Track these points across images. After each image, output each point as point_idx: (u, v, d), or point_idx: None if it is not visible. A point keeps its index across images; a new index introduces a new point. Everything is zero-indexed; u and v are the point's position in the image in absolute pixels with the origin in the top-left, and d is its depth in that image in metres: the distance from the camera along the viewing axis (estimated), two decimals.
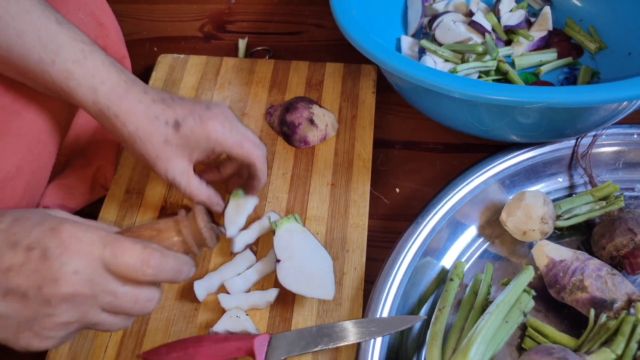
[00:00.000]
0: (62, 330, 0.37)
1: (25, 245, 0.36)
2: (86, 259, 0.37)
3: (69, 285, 0.36)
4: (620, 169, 0.62)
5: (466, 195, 0.58)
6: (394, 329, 0.49)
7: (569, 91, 0.49)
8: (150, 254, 0.39)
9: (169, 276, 0.41)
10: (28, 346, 0.37)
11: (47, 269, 0.36)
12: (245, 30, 0.83)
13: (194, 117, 0.50)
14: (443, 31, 0.71)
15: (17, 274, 0.36)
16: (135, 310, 0.40)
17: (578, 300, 0.51)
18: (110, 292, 0.38)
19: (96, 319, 0.39)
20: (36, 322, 0.36)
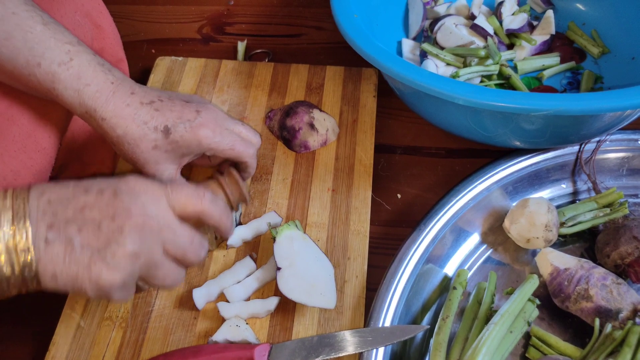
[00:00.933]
0: (130, 262, 0.39)
1: (97, 189, 0.40)
2: (153, 196, 0.41)
3: (140, 216, 0.40)
4: (624, 176, 0.61)
5: (469, 201, 0.57)
6: (397, 338, 0.49)
7: (576, 99, 0.48)
8: (204, 191, 0.45)
9: (219, 213, 0.46)
10: (99, 277, 0.38)
11: (119, 202, 0.40)
12: (244, 32, 0.82)
13: (184, 123, 0.50)
14: (445, 34, 0.70)
15: (91, 209, 0.39)
16: (191, 251, 0.43)
17: (583, 310, 0.50)
18: (172, 229, 0.42)
19: (157, 259, 0.41)
20: (108, 250, 0.38)
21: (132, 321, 0.53)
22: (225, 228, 0.48)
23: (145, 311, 0.54)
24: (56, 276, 0.38)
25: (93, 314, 0.54)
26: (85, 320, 0.53)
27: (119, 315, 0.54)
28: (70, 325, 0.53)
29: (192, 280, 0.56)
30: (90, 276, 0.38)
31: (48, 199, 0.39)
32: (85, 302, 0.54)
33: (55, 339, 0.52)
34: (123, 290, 0.40)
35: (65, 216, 0.38)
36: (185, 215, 0.44)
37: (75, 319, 0.53)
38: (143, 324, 0.53)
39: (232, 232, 0.50)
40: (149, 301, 0.54)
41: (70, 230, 0.38)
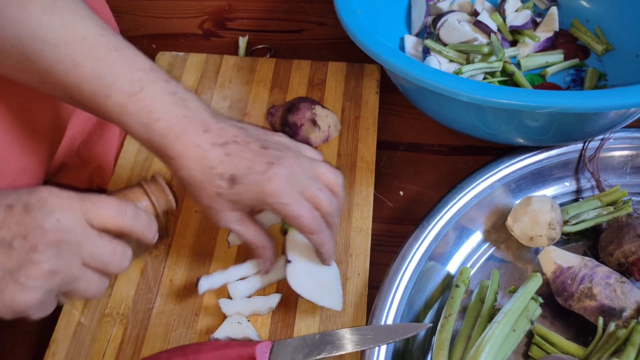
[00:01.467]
0: (47, 280, 0.37)
1: (5, 205, 0.37)
2: (67, 210, 0.38)
3: (54, 232, 0.37)
4: (628, 174, 0.61)
5: (472, 199, 0.57)
6: (399, 336, 0.48)
7: (581, 96, 0.48)
8: (125, 204, 0.41)
9: (142, 227, 0.42)
10: (12, 300, 0.36)
11: (31, 219, 0.36)
12: (245, 27, 0.81)
13: (253, 176, 0.44)
14: (448, 31, 0.70)
15: (0, 228, 0.36)
16: (114, 263, 0.41)
17: (586, 308, 0.50)
18: (90, 242, 0.39)
19: (77, 273, 0.39)
20: (22, 271, 0.36)
21: (133, 318, 0.53)
22: (147, 239, 0.43)
23: (146, 308, 0.54)
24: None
25: (93, 311, 0.53)
26: (86, 316, 0.53)
27: (120, 312, 0.53)
28: (70, 321, 0.53)
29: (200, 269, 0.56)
30: (4, 300, 0.36)
31: None
32: None
33: (55, 336, 0.52)
34: (41, 308, 0.38)
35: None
36: (105, 229, 0.40)
37: (75, 316, 0.53)
38: (144, 320, 0.53)
39: (154, 240, 0.45)
40: (150, 298, 0.54)
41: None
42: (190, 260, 0.57)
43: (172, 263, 0.56)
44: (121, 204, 0.41)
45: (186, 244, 0.58)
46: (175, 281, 0.55)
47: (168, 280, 0.55)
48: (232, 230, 0.49)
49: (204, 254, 0.57)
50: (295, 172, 0.46)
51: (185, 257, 0.57)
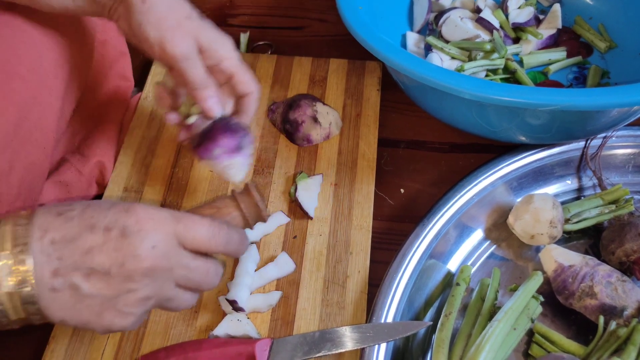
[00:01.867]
0: (142, 306, 0.38)
1: (104, 227, 0.37)
2: (162, 234, 0.38)
3: (149, 260, 0.37)
4: (630, 172, 0.60)
5: (473, 197, 0.57)
6: (399, 334, 0.48)
7: (584, 94, 0.48)
8: (218, 227, 0.41)
9: (233, 248, 0.42)
10: (110, 325, 0.38)
11: (128, 245, 0.37)
12: (246, 24, 0.81)
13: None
14: (450, 28, 0.69)
15: (99, 253, 0.36)
16: (206, 282, 0.41)
17: (587, 307, 0.50)
18: (184, 266, 0.39)
19: (170, 294, 0.40)
20: (119, 299, 0.37)
21: None
22: (238, 255, 0.45)
23: None
24: (65, 321, 0.37)
25: None
26: None
27: None
28: None
29: None
30: (102, 324, 0.37)
31: (51, 239, 0.36)
32: None
33: (54, 332, 0.52)
34: (135, 326, 0.40)
35: (72, 260, 0.36)
36: (198, 251, 0.41)
37: None
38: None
39: (244, 254, 0.48)
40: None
41: (77, 277, 0.36)
42: None
43: None
44: (214, 227, 0.41)
45: None
46: None
47: None
48: (183, 67, 0.49)
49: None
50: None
51: None
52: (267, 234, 0.57)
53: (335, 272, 0.55)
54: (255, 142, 0.65)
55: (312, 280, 0.54)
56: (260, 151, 0.64)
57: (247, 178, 0.59)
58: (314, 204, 0.59)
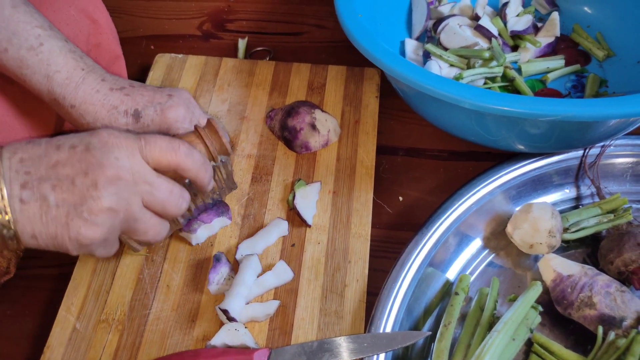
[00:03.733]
0: (108, 216, 0.39)
1: (69, 145, 0.39)
2: (125, 149, 0.40)
3: (113, 169, 0.39)
4: (628, 181, 0.60)
5: (472, 205, 0.57)
6: (398, 344, 0.48)
7: (584, 104, 0.47)
8: (179, 142, 0.43)
9: (197, 165, 0.43)
10: (77, 234, 0.38)
11: (91, 157, 0.39)
12: (245, 29, 0.81)
13: (155, 106, 0.49)
14: (448, 35, 0.69)
15: (64, 166, 0.38)
16: (170, 203, 0.42)
17: (586, 317, 0.50)
18: (148, 182, 0.41)
19: (137, 212, 0.40)
20: (84, 206, 0.38)
21: (129, 324, 0.52)
22: (202, 181, 0.46)
23: (142, 314, 0.53)
24: (35, 236, 0.38)
25: (89, 316, 0.53)
26: (81, 322, 0.52)
27: (116, 318, 0.53)
28: (65, 327, 0.52)
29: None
30: (70, 234, 0.38)
31: (20, 158, 0.38)
32: (81, 305, 0.54)
33: (50, 342, 0.51)
34: (105, 245, 0.40)
35: (39, 174, 0.38)
36: (160, 167, 0.42)
37: (70, 321, 0.52)
38: (140, 326, 0.52)
39: (210, 185, 0.48)
40: (146, 304, 0.54)
41: (44, 188, 0.37)
42: (187, 265, 0.56)
43: (169, 268, 0.56)
44: (174, 140, 0.43)
45: (183, 249, 0.57)
46: (172, 287, 0.55)
47: (165, 286, 0.55)
48: None
49: (201, 258, 0.56)
50: (191, 101, 0.51)
51: (183, 262, 0.56)
52: (269, 245, 0.57)
53: (334, 280, 0.55)
54: (254, 149, 0.65)
55: (311, 289, 0.54)
56: (258, 158, 0.64)
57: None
58: (312, 212, 0.59)
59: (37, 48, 0.46)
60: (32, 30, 0.46)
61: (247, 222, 0.59)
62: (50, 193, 0.37)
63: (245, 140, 0.65)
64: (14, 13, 0.45)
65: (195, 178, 0.45)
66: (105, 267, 0.56)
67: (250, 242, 0.56)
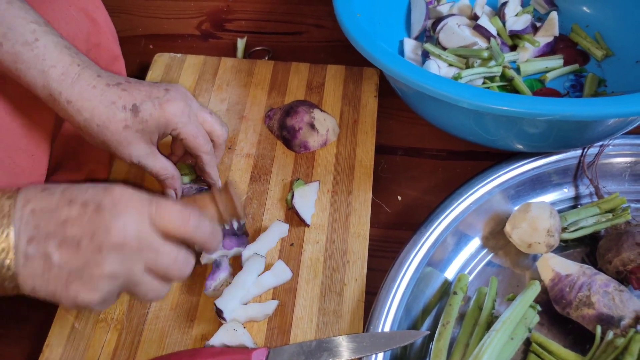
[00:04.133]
0: (108, 282, 0.38)
1: (81, 202, 0.39)
2: (135, 214, 0.39)
3: (120, 236, 0.38)
4: (627, 181, 0.61)
5: (470, 205, 0.57)
6: (397, 344, 0.48)
7: (582, 104, 0.48)
8: (190, 211, 0.42)
9: (205, 236, 0.43)
10: (76, 297, 0.38)
11: (101, 220, 0.38)
12: (243, 29, 0.81)
13: (152, 101, 0.49)
14: (447, 35, 0.69)
15: (73, 225, 0.38)
16: (174, 269, 0.42)
17: (584, 317, 0.50)
18: (153, 249, 0.40)
19: (138, 278, 0.40)
20: (86, 270, 0.38)
21: (128, 323, 0.52)
22: (208, 249, 0.45)
23: (141, 313, 0.53)
24: (35, 290, 0.38)
25: (88, 316, 0.53)
26: (80, 322, 0.52)
27: (114, 317, 0.53)
28: (64, 326, 0.52)
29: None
30: (68, 295, 0.38)
31: (32, 209, 0.38)
32: None
33: (49, 341, 0.51)
34: (102, 305, 0.40)
35: (47, 229, 0.37)
36: (168, 235, 0.42)
37: (69, 321, 0.52)
38: (139, 326, 0.52)
39: (217, 251, 0.48)
40: (145, 303, 0.54)
41: (49, 245, 0.37)
42: None
43: None
44: (185, 210, 0.42)
45: None
46: (171, 286, 0.55)
47: None
48: (143, 166, 0.52)
49: None
50: (188, 95, 0.52)
51: None
52: (271, 247, 0.57)
53: (333, 280, 0.55)
54: (252, 148, 0.65)
55: (309, 289, 0.54)
56: (257, 158, 0.64)
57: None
58: (311, 211, 0.59)
59: (33, 43, 0.46)
60: (27, 25, 0.46)
61: (246, 222, 0.59)
62: (55, 251, 0.37)
63: (244, 140, 0.65)
64: (9, 8, 0.46)
65: (202, 247, 0.45)
66: None
67: (253, 246, 0.56)
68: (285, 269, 0.54)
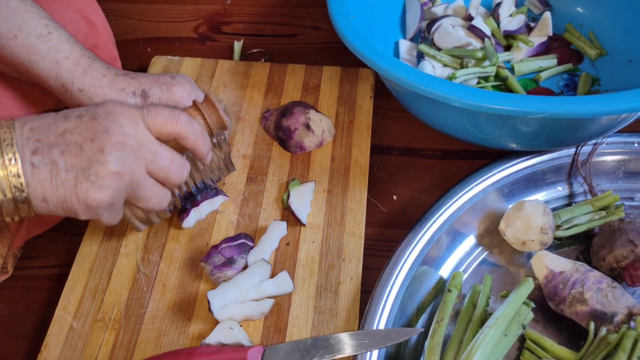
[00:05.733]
0: (115, 180, 0.41)
1: (76, 115, 0.41)
2: (129, 117, 0.42)
3: (118, 135, 0.41)
4: (620, 178, 0.61)
5: (465, 203, 0.57)
6: (391, 341, 0.49)
7: (573, 102, 0.48)
8: (180, 111, 0.45)
9: (195, 133, 0.46)
10: (86, 197, 0.40)
11: (98, 125, 0.41)
12: (240, 31, 0.82)
13: (160, 86, 0.52)
14: (442, 35, 0.70)
15: (72, 133, 0.40)
16: (172, 170, 0.44)
17: (578, 313, 0.50)
18: (151, 149, 0.43)
19: (141, 178, 0.43)
20: (92, 170, 0.40)
21: (125, 323, 0.53)
22: (201, 150, 0.48)
23: (138, 313, 0.54)
24: (46, 199, 0.40)
25: (86, 316, 0.53)
26: (78, 321, 0.53)
27: (112, 317, 0.53)
28: (62, 326, 0.53)
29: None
30: (78, 196, 0.40)
31: (31, 127, 0.40)
32: (78, 304, 0.54)
33: (47, 341, 0.52)
34: (111, 210, 0.42)
35: (48, 141, 0.40)
36: (161, 136, 0.44)
37: (67, 320, 0.53)
38: (136, 325, 0.53)
39: (208, 157, 0.50)
40: (142, 303, 0.54)
41: (53, 153, 0.39)
42: (183, 264, 0.57)
43: (165, 267, 0.56)
44: (175, 110, 0.45)
45: (179, 249, 0.58)
46: (168, 286, 0.55)
47: (161, 285, 0.55)
48: None
49: (197, 258, 0.57)
50: (192, 82, 0.54)
51: (178, 261, 0.57)
52: (273, 248, 0.57)
53: (328, 278, 0.55)
54: (249, 149, 0.65)
55: (305, 287, 0.55)
56: (253, 159, 0.64)
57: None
58: (307, 211, 0.59)
59: (46, 36, 0.48)
60: (40, 20, 0.48)
61: (243, 222, 0.59)
62: (60, 158, 0.39)
63: (241, 141, 0.66)
64: (21, 4, 0.48)
65: (195, 146, 0.47)
66: (101, 267, 0.56)
67: (257, 250, 0.56)
68: (288, 281, 0.53)
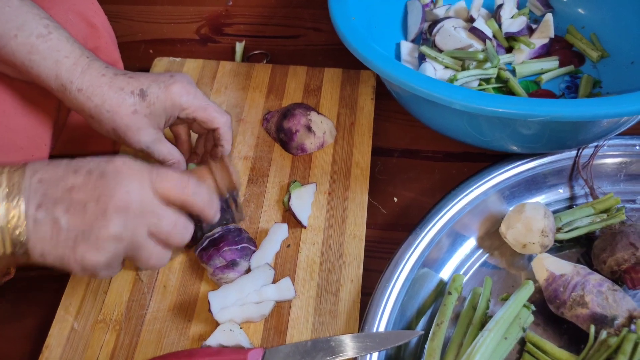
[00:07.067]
0: (113, 243, 0.40)
1: (86, 170, 0.41)
2: (137, 180, 0.42)
3: (123, 200, 0.41)
4: (621, 181, 0.61)
5: (466, 205, 0.57)
6: (391, 343, 0.49)
7: (574, 105, 0.48)
8: (188, 178, 0.45)
9: (203, 201, 0.46)
10: (83, 258, 0.40)
11: (105, 185, 0.41)
12: (242, 33, 0.82)
13: (158, 84, 0.52)
14: (443, 37, 0.70)
15: (79, 191, 0.40)
16: (174, 233, 0.44)
17: (578, 316, 0.50)
18: (155, 214, 0.43)
19: (141, 241, 0.42)
20: (92, 232, 0.40)
21: (126, 324, 0.53)
22: (207, 217, 0.48)
23: (139, 314, 0.54)
24: (44, 255, 0.40)
25: (87, 317, 0.53)
26: (79, 322, 0.53)
27: (113, 318, 0.53)
28: (63, 327, 0.53)
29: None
30: (75, 257, 0.40)
31: (40, 178, 0.40)
32: (79, 305, 0.54)
33: (48, 341, 0.52)
34: (108, 269, 0.42)
35: (54, 196, 0.40)
36: (168, 201, 0.44)
37: (69, 322, 0.53)
38: (137, 326, 0.53)
39: (215, 218, 0.50)
40: (143, 304, 0.54)
41: (57, 210, 0.39)
42: (183, 266, 0.57)
43: (166, 269, 0.57)
44: (184, 177, 0.45)
45: (180, 250, 0.58)
46: (169, 287, 0.55)
47: (162, 287, 0.55)
48: (151, 151, 0.53)
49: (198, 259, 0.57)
50: (192, 81, 0.54)
51: (179, 263, 0.57)
52: (276, 251, 0.57)
53: (329, 280, 0.55)
54: (250, 151, 0.65)
55: (305, 289, 0.55)
56: (254, 160, 0.64)
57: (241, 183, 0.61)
58: (308, 213, 0.59)
59: (47, 35, 0.48)
60: (40, 20, 0.49)
61: (243, 224, 0.59)
62: (63, 216, 0.39)
63: (242, 142, 0.66)
64: (22, 5, 0.48)
65: (201, 214, 0.47)
66: None
67: (260, 254, 0.56)
68: (290, 287, 0.53)
